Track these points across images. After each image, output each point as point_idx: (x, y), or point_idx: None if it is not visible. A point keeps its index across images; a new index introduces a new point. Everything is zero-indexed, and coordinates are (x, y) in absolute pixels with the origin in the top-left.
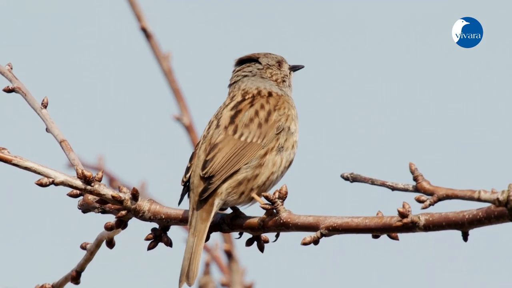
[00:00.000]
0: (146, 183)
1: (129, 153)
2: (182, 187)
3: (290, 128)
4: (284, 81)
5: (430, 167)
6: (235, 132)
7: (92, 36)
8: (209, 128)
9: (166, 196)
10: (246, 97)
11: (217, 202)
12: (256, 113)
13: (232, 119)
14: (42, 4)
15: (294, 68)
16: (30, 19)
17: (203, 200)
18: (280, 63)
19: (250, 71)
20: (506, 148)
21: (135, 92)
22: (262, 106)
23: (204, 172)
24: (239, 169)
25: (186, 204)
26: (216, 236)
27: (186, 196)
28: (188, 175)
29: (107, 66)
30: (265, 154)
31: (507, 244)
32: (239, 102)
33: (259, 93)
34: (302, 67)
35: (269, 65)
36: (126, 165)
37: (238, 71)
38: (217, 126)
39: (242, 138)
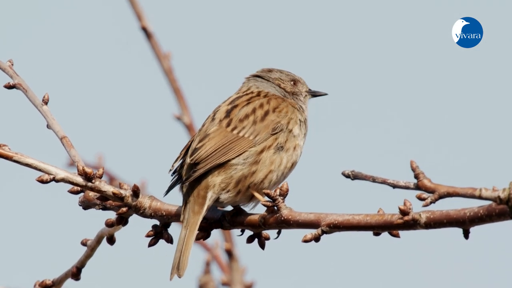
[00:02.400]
0: (146, 182)
1: (129, 152)
2: (171, 178)
3: (292, 131)
4: (295, 94)
5: (431, 165)
6: (228, 125)
7: (92, 35)
8: (205, 121)
9: (166, 196)
10: (244, 94)
11: (210, 195)
12: (254, 110)
13: (228, 113)
14: (43, 2)
15: (314, 94)
16: (31, 17)
17: (195, 193)
18: (295, 81)
19: (262, 77)
20: (506, 147)
21: (135, 91)
22: (261, 106)
23: (190, 158)
24: (232, 164)
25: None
26: (216, 235)
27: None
28: (175, 164)
29: (107, 65)
30: (262, 151)
31: (508, 242)
32: (236, 98)
33: (258, 93)
34: (324, 94)
35: (281, 79)
36: (126, 164)
37: (253, 76)
38: (213, 119)
39: (235, 132)
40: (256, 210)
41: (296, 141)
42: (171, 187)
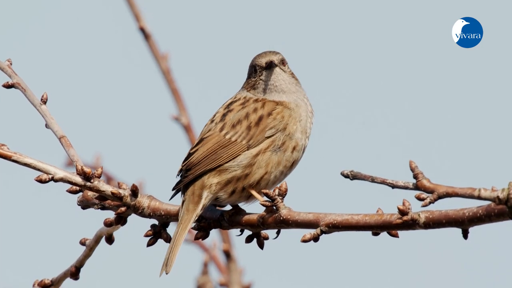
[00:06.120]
0: (144, 182)
1: (127, 152)
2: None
3: (290, 134)
4: (254, 88)
5: (430, 165)
6: (222, 129)
7: (91, 35)
8: (206, 122)
9: (164, 196)
10: (238, 99)
11: (206, 194)
12: (247, 115)
13: (223, 116)
14: (41, 2)
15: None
16: (30, 17)
17: (191, 192)
18: (254, 67)
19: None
20: (506, 147)
21: (133, 92)
22: (255, 110)
23: (183, 164)
24: (225, 167)
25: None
26: (214, 236)
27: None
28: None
29: (105, 66)
30: (257, 154)
31: (507, 242)
32: (232, 103)
33: (245, 98)
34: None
35: (249, 76)
36: (124, 165)
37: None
38: (211, 121)
39: (227, 136)
40: (255, 209)
41: (296, 142)
42: (178, 189)
